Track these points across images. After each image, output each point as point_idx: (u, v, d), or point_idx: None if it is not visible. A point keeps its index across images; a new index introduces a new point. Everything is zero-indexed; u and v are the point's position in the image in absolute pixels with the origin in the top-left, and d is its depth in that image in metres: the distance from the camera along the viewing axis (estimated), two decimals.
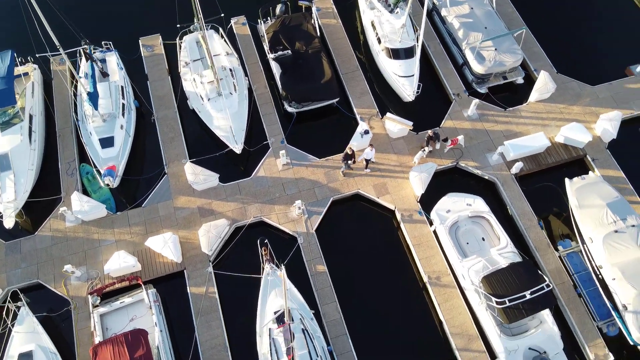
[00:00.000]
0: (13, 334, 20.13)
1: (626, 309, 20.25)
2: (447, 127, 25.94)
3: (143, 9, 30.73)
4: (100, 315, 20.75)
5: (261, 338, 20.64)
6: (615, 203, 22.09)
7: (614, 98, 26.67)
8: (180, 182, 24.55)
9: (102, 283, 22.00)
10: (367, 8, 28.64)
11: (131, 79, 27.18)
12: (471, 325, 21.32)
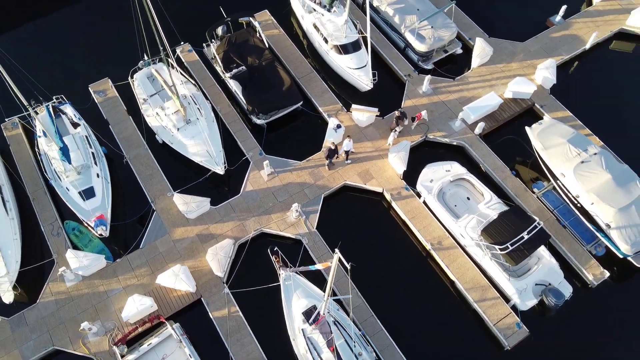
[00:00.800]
0: None
1: (610, 227, 22.50)
2: (408, 106, 27.47)
3: (84, 56, 30.10)
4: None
5: (296, 341, 21.08)
6: (574, 138, 24.45)
7: (543, 49, 29.35)
8: (171, 215, 24.41)
9: (122, 332, 21.52)
10: (305, 12, 29.71)
11: (91, 127, 26.60)
12: (481, 278, 22.81)
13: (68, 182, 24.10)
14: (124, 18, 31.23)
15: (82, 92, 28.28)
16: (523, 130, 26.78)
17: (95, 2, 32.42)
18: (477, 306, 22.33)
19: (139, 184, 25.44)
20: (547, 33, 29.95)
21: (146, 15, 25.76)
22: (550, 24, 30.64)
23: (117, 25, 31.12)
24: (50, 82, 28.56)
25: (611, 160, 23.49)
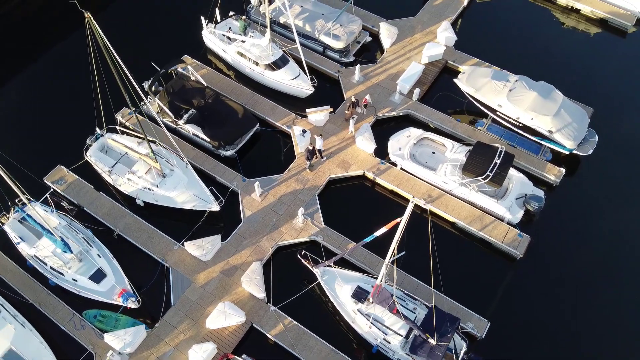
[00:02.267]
0: None
1: (552, 132, 26.85)
2: (349, 97, 30.03)
3: (25, 149, 28.54)
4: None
5: (355, 323, 22.44)
6: (494, 75, 28.64)
7: (433, 15, 33.66)
8: (187, 264, 24.40)
9: None
10: (226, 46, 31.03)
11: (65, 215, 25.55)
12: (475, 210, 25.89)
13: (73, 274, 23.11)
14: (57, 100, 30.26)
15: (37, 186, 26.90)
16: (448, 84, 30.63)
17: (22, 93, 30.87)
18: (482, 234, 25.34)
19: (140, 249, 25.01)
20: (430, 2, 34.38)
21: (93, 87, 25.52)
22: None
23: (52, 108, 30.05)
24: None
25: (529, 82, 27.97)
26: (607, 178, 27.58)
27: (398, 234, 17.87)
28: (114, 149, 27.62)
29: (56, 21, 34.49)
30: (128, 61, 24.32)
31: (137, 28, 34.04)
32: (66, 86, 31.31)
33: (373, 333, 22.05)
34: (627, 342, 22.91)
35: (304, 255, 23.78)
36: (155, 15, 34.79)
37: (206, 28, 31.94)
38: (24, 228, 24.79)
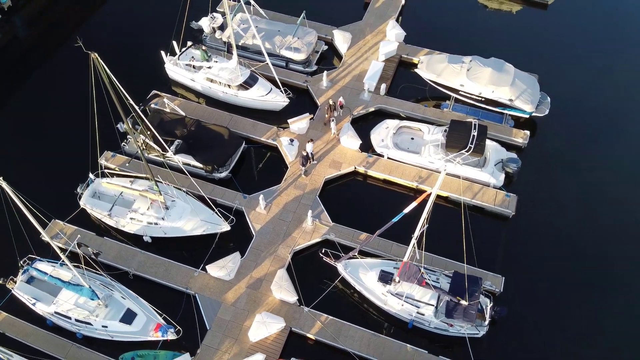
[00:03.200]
0: None
1: (512, 100, 29.62)
2: (323, 102, 31.43)
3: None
4: None
5: (387, 304, 23.64)
6: (450, 59, 31.14)
7: (378, 16, 35.93)
8: (212, 287, 24.56)
9: None
10: (193, 74, 31.46)
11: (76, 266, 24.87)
12: (462, 182, 27.97)
13: (102, 320, 22.65)
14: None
15: (35, 244, 25.97)
16: (408, 76, 32.89)
17: None
18: (474, 201, 27.45)
19: (160, 283, 24.84)
20: (372, 6, 36.66)
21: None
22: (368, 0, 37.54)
23: (36, 161, 29.06)
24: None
25: (482, 60, 30.69)
26: (566, 131, 30.73)
27: (429, 205, 19.29)
28: (107, 192, 27.25)
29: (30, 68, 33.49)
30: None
31: None
32: (48, 136, 30.55)
33: (406, 310, 23.32)
34: (608, 268, 25.74)
35: (325, 252, 24.68)
36: (114, 55, 34.54)
37: (168, 61, 32.24)
38: (35, 288, 23.99)
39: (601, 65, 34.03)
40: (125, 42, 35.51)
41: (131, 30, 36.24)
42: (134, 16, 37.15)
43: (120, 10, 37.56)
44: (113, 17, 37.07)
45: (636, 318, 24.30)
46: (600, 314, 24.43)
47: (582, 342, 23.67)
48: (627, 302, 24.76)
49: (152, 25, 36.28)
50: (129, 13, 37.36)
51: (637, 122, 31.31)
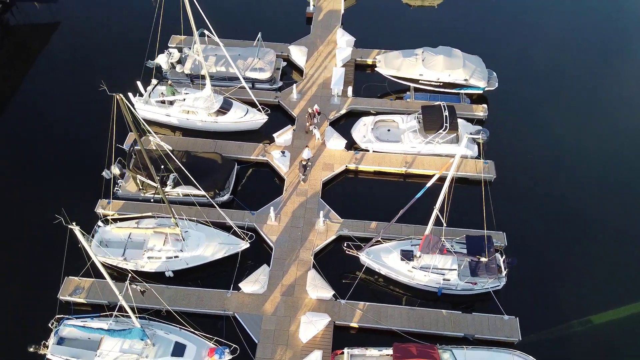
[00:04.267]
0: None
1: (467, 80, 32.77)
2: (298, 113, 32.86)
3: (27, 270, 26.13)
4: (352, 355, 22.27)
5: (415, 279, 25.39)
6: (403, 53, 33.88)
7: (324, 27, 38.07)
8: (248, 303, 24.98)
9: None
10: (167, 109, 31.61)
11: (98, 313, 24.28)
12: (444, 159, 30.51)
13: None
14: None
15: (52, 306, 25.07)
16: (367, 76, 35.27)
17: None
18: (459, 174, 30.04)
19: (197, 312, 24.88)
20: (315, 19, 38.78)
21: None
22: (309, 14, 39.57)
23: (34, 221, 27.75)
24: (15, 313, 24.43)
25: (432, 49, 33.68)
26: (516, 98, 34.42)
27: (450, 176, 21.29)
28: (115, 238, 26.80)
29: None
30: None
31: (66, 120, 32.89)
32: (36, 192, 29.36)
33: (433, 280, 25.16)
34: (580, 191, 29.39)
35: (347, 245, 25.97)
36: (82, 100, 33.87)
37: (138, 102, 32.20)
38: (70, 348, 23.17)
39: (530, 38, 38.41)
40: (84, 87, 34.89)
41: (87, 74, 35.63)
42: (89, 61, 36.58)
43: (77, 56, 36.83)
44: (68, 65, 36.31)
45: (615, 247, 27.88)
46: (587, 248, 27.74)
47: (581, 276, 26.74)
48: (606, 233, 28.32)
49: (110, 69, 35.95)
50: (82, 59, 36.73)
51: (572, 77, 35.73)
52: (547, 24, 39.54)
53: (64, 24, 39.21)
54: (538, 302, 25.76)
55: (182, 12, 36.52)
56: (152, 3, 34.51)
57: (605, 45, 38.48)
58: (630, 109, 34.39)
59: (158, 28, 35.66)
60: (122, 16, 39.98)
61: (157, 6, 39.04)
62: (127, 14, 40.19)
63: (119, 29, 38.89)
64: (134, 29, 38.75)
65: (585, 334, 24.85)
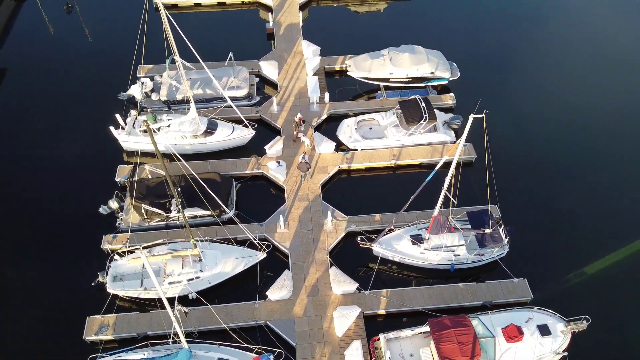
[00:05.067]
0: None
1: (434, 72, 35.05)
2: (288, 123, 33.80)
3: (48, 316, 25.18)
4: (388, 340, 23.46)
5: (428, 260, 26.94)
6: (371, 55, 35.70)
7: (287, 41, 39.29)
8: (277, 309, 25.50)
9: None
10: (158, 139, 31.60)
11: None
12: (428, 147, 32.44)
13: None
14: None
15: (81, 346, 24.46)
16: (338, 81, 36.84)
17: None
18: (443, 158, 31.92)
19: (229, 328, 25.08)
20: (277, 33, 39.95)
21: None
22: (270, 30, 40.68)
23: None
24: None
25: (396, 49, 35.72)
26: (477, 84, 37.07)
27: (456, 156, 23.00)
28: (128, 270, 26.49)
29: None
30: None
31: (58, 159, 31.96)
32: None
33: (445, 257, 26.81)
34: None
35: (361, 239, 27.14)
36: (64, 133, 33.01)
37: (120, 134, 31.91)
38: None
39: (478, 26, 41.47)
40: (61, 125, 34.10)
41: (64, 115, 34.81)
42: (67, 99, 35.73)
43: (53, 91, 35.78)
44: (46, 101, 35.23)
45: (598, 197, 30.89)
46: (572, 205, 30.50)
47: (573, 229, 29.38)
48: (585, 189, 31.26)
49: (81, 106, 35.33)
50: (60, 96, 35.79)
51: (522, 54, 38.98)
52: (491, 10, 42.95)
53: (12, 70, 38.02)
54: (540, 261, 28.02)
55: (144, 42, 36.94)
56: (119, 97, 34.86)
57: (544, 18, 42.29)
58: (582, 69, 37.99)
59: (134, 57, 35.52)
60: (79, 56, 39.28)
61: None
62: (83, 52, 39.54)
63: (81, 69, 38.22)
64: (94, 65, 38.32)
65: (587, 279, 27.33)
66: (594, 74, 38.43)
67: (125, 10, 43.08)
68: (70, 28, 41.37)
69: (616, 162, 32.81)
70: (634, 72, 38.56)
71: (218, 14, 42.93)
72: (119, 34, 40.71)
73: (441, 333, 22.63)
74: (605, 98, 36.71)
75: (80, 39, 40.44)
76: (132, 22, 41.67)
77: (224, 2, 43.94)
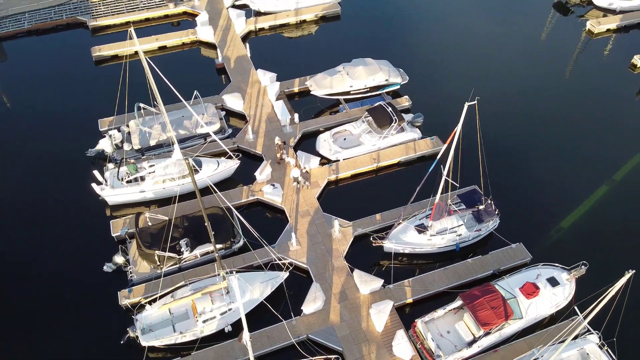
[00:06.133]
0: None
1: (388, 79, 37.80)
2: (267, 148, 34.68)
3: None
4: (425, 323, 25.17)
5: (435, 244, 29.07)
6: (328, 73, 37.76)
7: (240, 72, 40.32)
8: (314, 322, 26.15)
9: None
10: (140, 186, 30.97)
11: None
12: (404, 147, 34.87)
13: None
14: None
15: None
16: (303, 101, 38.53)
17: None
18: (417, 154, 34.67)
19: (274, 350, 25.35)
20: (228, 67, 40.84)
21: None
22: (220, 65, 41.49)
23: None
24: None
25: (349, 64, 38.09)
26: (424, 82, 40.39)
27: (456, 138, 25.29)
28: (155, 320, 25.88)
29: None
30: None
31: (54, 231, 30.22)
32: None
33: (449, 239, 29.07)
34: None
35: (373, 238, 28.69)
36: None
37: (104, 189, 31.05)
38: None
39: (412, 31, 45.14)
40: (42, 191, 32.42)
41: (34, 182, 33.06)
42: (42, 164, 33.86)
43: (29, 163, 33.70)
44: None
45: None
46: (543, 167, 34.24)
47: (549, 187, 33.01)
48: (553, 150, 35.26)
49: (52, 169, 33.83)
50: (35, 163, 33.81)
51: (458, 47, 43.02)
52: (421, 14, 47.02)
53: None
54: (528, 224, 31.11)
55: (102, 95, 36.36)
56: (87, 154, 34.17)
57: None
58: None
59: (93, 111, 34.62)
60: (31, 122, 37.54)
61: None
62: (35, 119, 37.86)
63: (36, 135, 36.56)
64: (49, 129, 36.90)
65: (571, 230, 30.79)
66: (524, 62, 43.44)
67: (63, 68, 41.86)
68: (14, 95, 39.39)
69: (565, 122, 37.35)
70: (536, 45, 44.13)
71: (162, 58, 42.98)
72: (63, 93, 39.50)
73: (474, 303, 24.65)
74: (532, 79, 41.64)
75: (27, 106, 38.65)
76: (74, 78, 40.65)
77: (164, 45, 44.07)
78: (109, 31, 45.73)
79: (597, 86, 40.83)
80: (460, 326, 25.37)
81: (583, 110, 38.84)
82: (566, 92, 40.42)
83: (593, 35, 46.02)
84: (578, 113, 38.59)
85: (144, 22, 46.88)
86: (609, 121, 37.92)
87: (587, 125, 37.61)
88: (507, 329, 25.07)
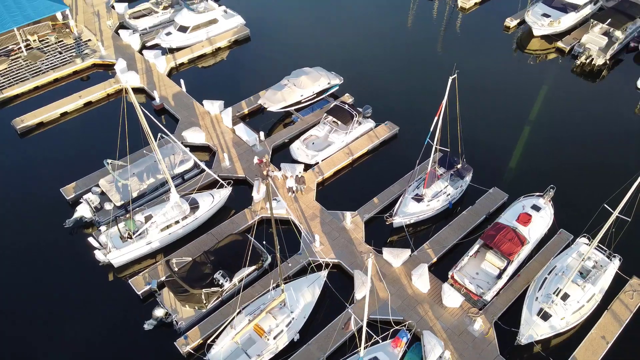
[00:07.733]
0: None
1: (329, 83, 40.75)
2: (247, 170, 35.42)
3: None
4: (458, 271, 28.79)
5: (433, 208, 32.78)
6: (276, 87, 39.47)
7: (183, 106, 40.31)
8: (369, 303, 28.20)
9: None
10: (144, 238, 29.97)
11: None
12: (365, 136, 38.13)
13: None
14: None
15: None
16: (259, 119, 39.86)
17: None
18: (382, 139, 38.22)
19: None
20: (170, 106, 40.49)
21: None
22: (159, 106, 40.89)
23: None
24: None
25: (291, 75, 40.28)
26: (358, 79, 44.06)
27: (440, 112, 28.99)
28: (227, 351, 25.75)
29: None
30: None
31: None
32: None
33: (442, 200, 32.95)
34: None
35: (386, 217, 31.47)
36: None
37: (109, 252, 29.59)
38: None
39: (333, 36, 48.53)
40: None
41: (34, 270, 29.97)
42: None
43: None
44: None
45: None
46: (492, 114, 39.81)
47: (500, 133, 38.57)
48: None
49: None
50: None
51: (377, 42, 47.40)
52: (342, 19, 50.65)
53: None
54: (494, 168, 36.27)
55: (48, 164, 34.19)
56: (66, 225, 31.81)
57: None
58: None
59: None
60: None
61: None
62: None
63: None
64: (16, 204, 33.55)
65: (525, 160, 36.59)
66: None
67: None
68: None
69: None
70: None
71: (91, 114, 41.03)
72: (6, 177, 36.00)
73: (495, 241, 28.73)
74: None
75: None
76: (10, 157, 37.19)
77: (89, 101, 42.04)
78: (18, 100, 42.20)
79: (473, 51, 48.12)
80: (485, 265, 29.30)
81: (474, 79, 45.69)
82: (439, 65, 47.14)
83: (466, 11, 53.82)
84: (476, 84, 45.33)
85: (54, 83, 43.93)
86: (503, 75, 45.17)
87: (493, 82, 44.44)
88: (521, 255, 29.59)
